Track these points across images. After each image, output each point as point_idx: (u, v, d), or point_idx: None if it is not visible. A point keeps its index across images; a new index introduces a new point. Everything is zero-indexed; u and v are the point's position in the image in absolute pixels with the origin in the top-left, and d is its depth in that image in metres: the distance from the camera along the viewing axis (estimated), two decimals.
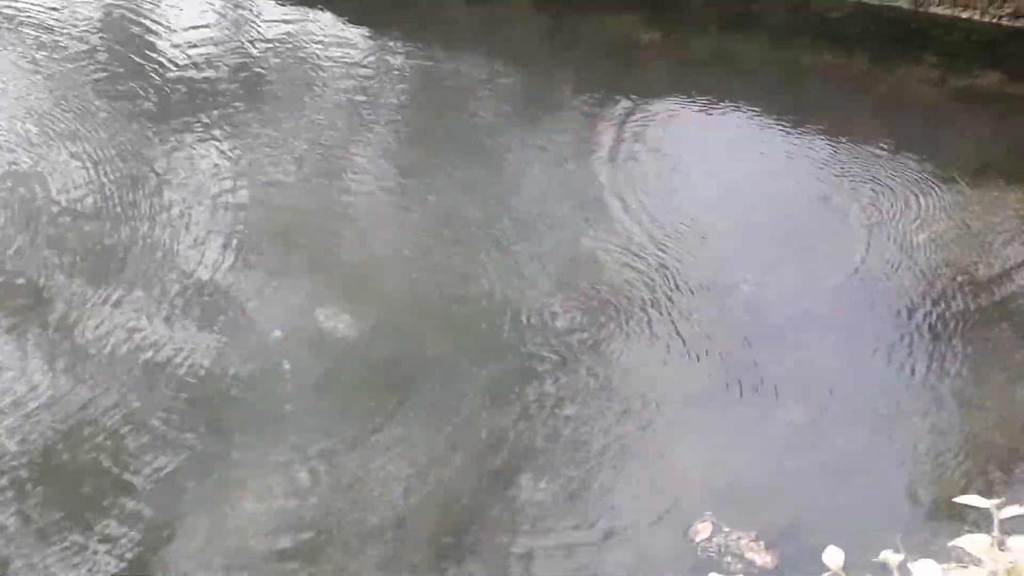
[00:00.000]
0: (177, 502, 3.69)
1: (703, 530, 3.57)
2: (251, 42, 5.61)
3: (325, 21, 5.70)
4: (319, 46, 5.53)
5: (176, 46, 5.61)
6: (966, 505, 2.41)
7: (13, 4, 5.88)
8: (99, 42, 5.64)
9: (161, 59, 5.53)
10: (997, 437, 3.78)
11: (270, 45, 5.59)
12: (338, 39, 5.56)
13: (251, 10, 5.83)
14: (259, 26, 5.72)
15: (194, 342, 4.20)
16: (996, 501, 2.34)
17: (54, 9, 5.87)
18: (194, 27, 5.72)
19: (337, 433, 3.81)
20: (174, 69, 5.46)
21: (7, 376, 4.07)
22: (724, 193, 4.68)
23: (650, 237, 4.52)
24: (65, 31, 5.69)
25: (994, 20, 5.22)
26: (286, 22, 5.72)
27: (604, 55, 5.34)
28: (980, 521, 2.37)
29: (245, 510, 3.62)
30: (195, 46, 5.61)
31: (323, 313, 4.30)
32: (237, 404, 4.00)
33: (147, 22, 5.77)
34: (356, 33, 5.59)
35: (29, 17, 5.78)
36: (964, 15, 5.25)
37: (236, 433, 3.88)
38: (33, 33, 5.70)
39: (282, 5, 5.81)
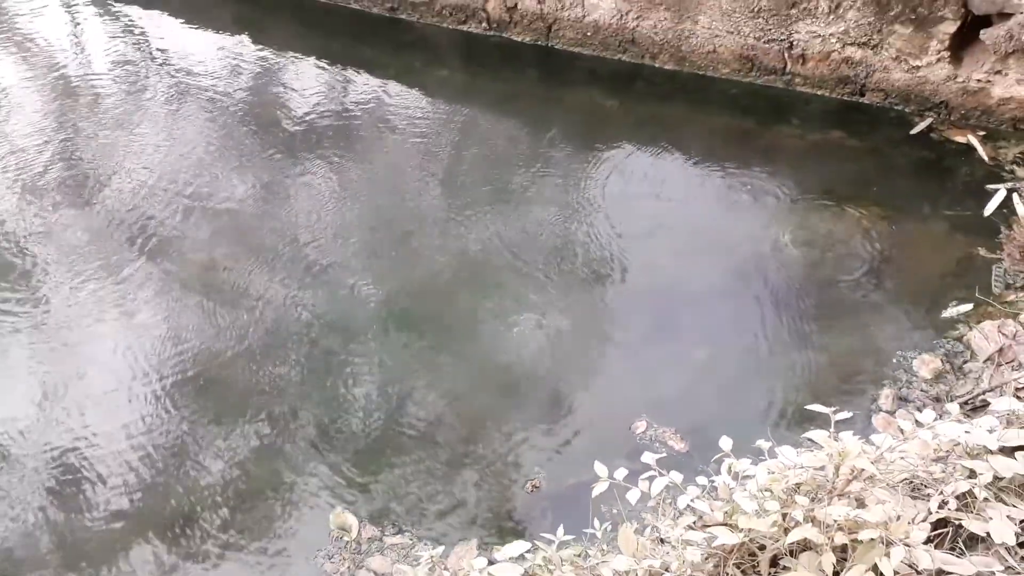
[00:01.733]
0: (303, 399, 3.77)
1: (640, 426, 3.61)
2: (350, 102, 5.61)
3: (400, 91, 5.68)
4: (397, 107, 5.52)
5: (300, 102, 5.60)
6: (813, 411, 2.46)
7: (192, 81, 5.89)
8: (247, 101, 5.64)
9: (290, 112, 5.52)
10: (836, 368, 3.79)
11: (363, 104, 5.58)
12: (408, 103, 5.56)
13: (350, 79, 5.82)
14: (356, 91, 5.71)
15: (311, 298, 4.25)
16: (832, 408, 2.40)
17: (217, 79, 5.89)
18: (311, 91, 5.72)
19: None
20: (299, 118, 5.46)
21: (186, 320, 4.16)
22: (658, 211, 4.65)
23: (607, 231, 4.52)
24: (225, 96, 5.70)
25: (839, 96, 5.21)
26: (375, 88, 5.72)
27: (579, 116, 5.35)
28: (822, 423, 2.41)
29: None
30: (312, 102, 5.60)
31: (402, 281, 4.33)
32: (340, 335, 4.06)
33: (279, 88, 5.76)
34: (422, 99, 5.59)
35: (203, 89, 5.80)
36: (819, 93, 5.23)
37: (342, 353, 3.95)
38: (204, 97, 5.71)
39: (370, 77, 5.80)
